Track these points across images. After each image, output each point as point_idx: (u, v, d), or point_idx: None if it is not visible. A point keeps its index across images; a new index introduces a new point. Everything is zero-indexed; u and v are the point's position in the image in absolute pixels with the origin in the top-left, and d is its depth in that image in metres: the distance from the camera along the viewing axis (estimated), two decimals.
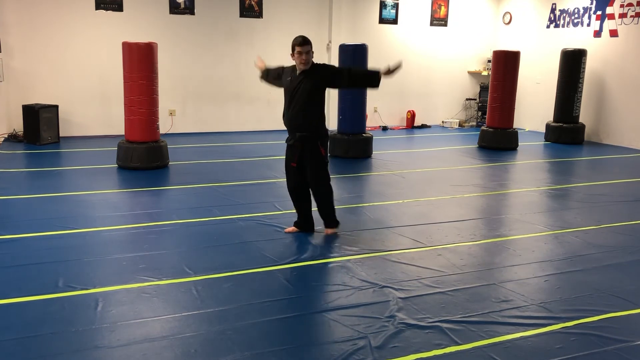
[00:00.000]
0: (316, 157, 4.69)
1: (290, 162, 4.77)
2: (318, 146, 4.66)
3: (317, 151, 4.67)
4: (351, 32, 11.29)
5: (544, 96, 11.50)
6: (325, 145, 4.74)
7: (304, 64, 4.56)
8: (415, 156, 9.02)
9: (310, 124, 4.65)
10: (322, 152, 4.70)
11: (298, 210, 4.92)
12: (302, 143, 4.66)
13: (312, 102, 4.62)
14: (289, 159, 4.78)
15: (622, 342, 3.16)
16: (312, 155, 4.68)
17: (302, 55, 4.52)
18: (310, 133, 4.64)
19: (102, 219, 5.20)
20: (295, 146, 4.69)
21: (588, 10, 10.70)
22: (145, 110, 7.28)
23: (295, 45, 4.52)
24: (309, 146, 4.66)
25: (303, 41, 4.52)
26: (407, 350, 3.02)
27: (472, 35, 12.63)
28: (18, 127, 9.13)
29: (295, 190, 4.83)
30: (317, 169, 4.72)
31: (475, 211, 5.86)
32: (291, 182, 4.83)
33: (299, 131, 4.65)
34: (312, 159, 4.69)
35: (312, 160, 4.70)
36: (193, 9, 10.19)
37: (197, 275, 3.94)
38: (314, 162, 4.70)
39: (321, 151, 4.69)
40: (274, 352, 2.97)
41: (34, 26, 9.17)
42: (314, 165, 4.71)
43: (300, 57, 4.53)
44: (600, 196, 6.52)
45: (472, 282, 3.96)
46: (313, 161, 4.70)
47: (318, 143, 4.67)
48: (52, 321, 3.24)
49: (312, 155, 4.68)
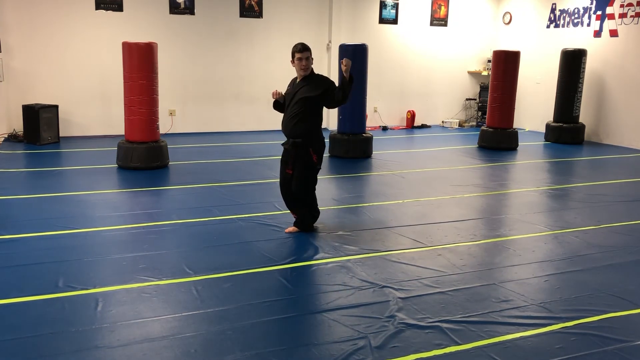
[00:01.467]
0: (306, 162, 4.74)
1: (285, 167, 4.84)
2: (310, 152, 4.72)
3: (308, 157, 4.72)
4: (351, 32, 11.29)
5: (544, 96, 11.51)
6: (318, 152, 4.78)
7: (303, 70, 4.68)
8: (415, 156, 9.02)
9: (305, 130, 4.69)
10: (314, 158, 4.75)
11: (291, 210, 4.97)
12: (295, 148, 4.71)
13: (308, 109, 4.68)
14: (284, 163, 4.86)
15: (622, 342, 3.16)
16: (303, 159, 4.74)
17: (302, 62, 4.65)
18: (304, 139, 4.69)
19: (102, 219, 5.20)
20: (289, 151, 4.76)
21: (588, 10, 10.70)
22: (145, 110, 7.28)
23: (295, 52, 4.66)
24: (301, 152, 4.72)
25: (302, 48, 4.66)
26: (407, 350, 3.02)
27: (472, 35, 12.63)
28: (18, 127, 9.14)
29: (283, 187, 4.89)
30: (302, 172, 4.75)
31: (475, 211, 5.86)
32: (280, 178, 4.92)
33: (294, 137, 4.72)
34: (302, 163, 4.74)
35: (301, 164, 4.75)
36: (193, 9, 10.19)
37: (197, 275, 3.94)
38: (302, 166, 4.75)
39: (313, 157, 4.74)
40: (274, 352, 2.97)
41: (34, 26, 9.17)
42: (301, 168, 4.75)
43: (300, 63, 4.66)
44: (600, 196, 6.52)
45: (472, 282, 3.96)
46: (302, 165, 4.75)
47: (310, 150, 4.72)
48: (52, 321, 3.24)
49: (303, 160, 4.74)
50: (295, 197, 4.85)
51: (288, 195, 4.89)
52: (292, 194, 4.86)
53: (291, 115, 4.71)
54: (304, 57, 4.63)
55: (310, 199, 4.90)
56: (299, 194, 4.82)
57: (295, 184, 4.80)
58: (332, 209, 5.67)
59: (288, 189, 4.86)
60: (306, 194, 4.85)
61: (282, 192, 4.94)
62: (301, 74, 4.70)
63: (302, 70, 4.67)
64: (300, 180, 4.78)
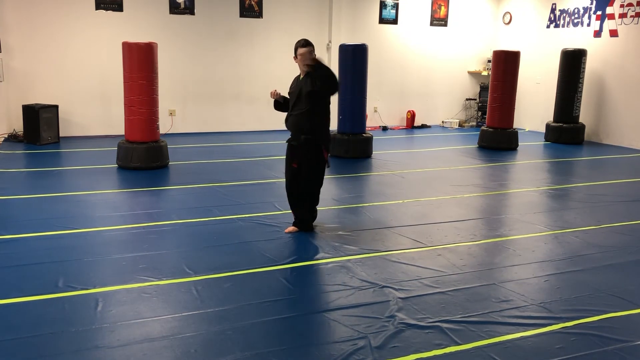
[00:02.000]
0: (318, 159, 4.74)
1: (291, 162, 4.82)
2: (319, 149, 4.71)
3: (316, 153, 4.72)
4: (351, 32, 11.29)
5: (544, 96, 11.51)
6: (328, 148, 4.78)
7: (306, 66, 4.64)
8: (415, 156, 9.02)
9: (314, 126, 4.69)
10: (326, 155, 4.74)
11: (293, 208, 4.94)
12: (303, 145, 4.70)
13: (315, 104, 4.67)
14: (289, 159, 4.84)
15: (622, 342, 3.16)
16: (312, 156, 4.73)
17: (304, 57, 4.63)
18: (311, 135, 4.69)
19: (102, 219, 5.20)
20: (296, 147, 4.75)
21: (588, 10, 10.70)
22: (145, 110, 7.28)
23: (298, 47, 4.66)
24: (309, 148, 4.71)
25: (305, 43, 4.66)
26: (407, 350, 3.02)
27: (472, 35, 12.63)
28: (18, 127, 9.13)
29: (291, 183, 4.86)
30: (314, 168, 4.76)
31: (475, 211, 5.86)
32: (288, 175, 4.88)
33: (300, 134, 4.71)
34: (310, 160, 4.73)
35: (310, 161, 4.74)
36: (193, 9, 10.19)
37: (197, 275, 3.94)
38: (314, 162, 4.74)
39: (325, 154, 4.74)
40: (274, 352, 2.97)
41: (34, 26, 9.17)
42: (313, 164, 4.75)
43: (302, 58, 4.64)
44: (600, 196, 6.52)
45: (472, 282, 3.96)
46: (314, 162, 4.74)
47: (322, 147, 4.72)
48: (52, 321, 3.24)
49: (312, 157, 4.73)
50: (302, 195, 4.82)
51: (294, 194, 4.85)
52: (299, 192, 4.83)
53: (299, 112, 4.70)
54: (306, 53, 4.63)
55: (315, 198, 4.89)
56: (308, 192, 4.80)
57: (305, 181, 4.77)
58: (332, 209, 5.67)
59: (295, 185, 4.82)
60: (314, 192, 4.85)
61: (288, 190, 4.89)
62: (304, 70, 4.69)
63: (305, 66, 4.66)
64: (310, 177, 4.76)
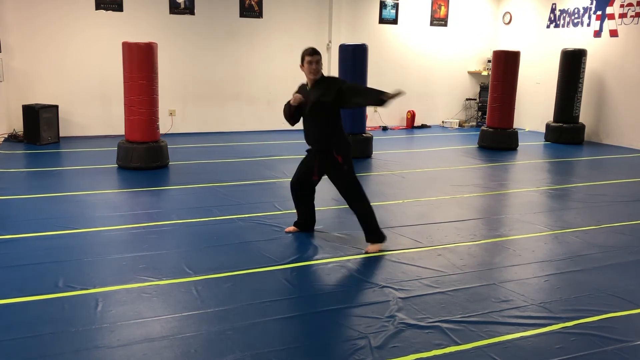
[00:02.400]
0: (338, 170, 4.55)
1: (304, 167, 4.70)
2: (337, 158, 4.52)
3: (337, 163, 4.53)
4: (351, 32, 11.29)
5: (544, 96, 11.51)
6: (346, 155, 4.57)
7: (313, 74, 4.52)
8: (415, 156, 9.02)
9: (327, 136, 4.55)
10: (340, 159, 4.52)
11: (297, 206, 4.88)
12: (321, 156, 4.58)
13: (327, 115, 4.55)
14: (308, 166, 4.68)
15: (622, 342, 3.16)
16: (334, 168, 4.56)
17: (312, 65, 4.49)
18: (328, 146, 4.54)
19: (102, 219, 5.20)
20: (315, 158, 4.62)
21: (588, 10, 10.70)
22: (145, 110, 7.28)
23: (306, 55, 4.51)
24: (328, 159, 4.55)
25: (313, 51, 4.52)
26: (407, 350, 3.02)
27: (472, 35, 12.63)
28: (18, 127, 9.14)
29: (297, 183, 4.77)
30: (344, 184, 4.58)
31: (475, 211, 5.86)
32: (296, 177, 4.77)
33: (317, 145, 4.60)
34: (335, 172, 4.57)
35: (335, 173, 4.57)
36: (193, 9, 10.19)
37: (197, 275, 3.94)
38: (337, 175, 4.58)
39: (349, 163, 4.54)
40: (274, 352, 2.97)
41: (34, 26, 9.17)
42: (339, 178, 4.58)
43: (310, 66, 4.50)
44: (600, 196, 6.52)
45: (472, 282, 3.96)
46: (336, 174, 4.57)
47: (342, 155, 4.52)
48: (52, 321, 3.24)
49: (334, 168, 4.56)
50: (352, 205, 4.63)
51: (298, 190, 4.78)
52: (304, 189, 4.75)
53: (314, 126, 4.57)
54: (314, 61, 4.47)
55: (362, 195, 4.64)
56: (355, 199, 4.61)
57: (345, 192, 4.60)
58: (332, 209, 5.67)
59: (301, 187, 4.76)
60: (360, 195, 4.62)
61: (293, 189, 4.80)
62: (311, 78, 4.54)
63: (312, 74, 4.51)
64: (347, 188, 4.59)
